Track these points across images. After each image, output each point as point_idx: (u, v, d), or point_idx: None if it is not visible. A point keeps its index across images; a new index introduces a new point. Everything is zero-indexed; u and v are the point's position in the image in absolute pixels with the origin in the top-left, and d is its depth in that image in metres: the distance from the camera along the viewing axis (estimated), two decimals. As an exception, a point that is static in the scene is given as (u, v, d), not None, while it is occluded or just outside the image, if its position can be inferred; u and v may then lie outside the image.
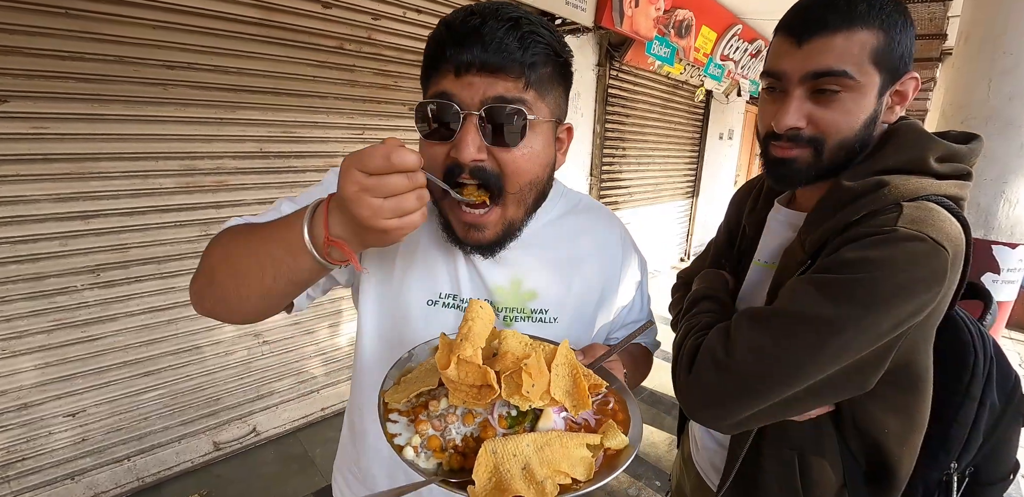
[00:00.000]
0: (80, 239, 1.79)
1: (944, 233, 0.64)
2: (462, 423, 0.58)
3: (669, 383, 0.83)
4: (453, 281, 0.75)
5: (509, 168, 0.63)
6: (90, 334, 1.87)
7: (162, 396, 2.10)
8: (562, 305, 0.78)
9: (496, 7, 0.61)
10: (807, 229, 0.76)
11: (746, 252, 0.98)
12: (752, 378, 0.68)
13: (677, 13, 4.10)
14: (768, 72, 0.77)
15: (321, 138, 2.30)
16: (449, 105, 0.60)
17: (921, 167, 0.72)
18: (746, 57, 5.54)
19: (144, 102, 1.81)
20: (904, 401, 0.76)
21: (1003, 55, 1.76)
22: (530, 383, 0.54)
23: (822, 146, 0.75)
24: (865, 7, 0.69)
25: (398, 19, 2.42)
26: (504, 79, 0.60)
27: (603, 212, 0.89)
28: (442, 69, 0.60)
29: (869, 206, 0.69)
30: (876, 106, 0.73)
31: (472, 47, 0.58)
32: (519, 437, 0.54)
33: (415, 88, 2.60)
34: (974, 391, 0.77)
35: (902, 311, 0.64)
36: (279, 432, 2.50)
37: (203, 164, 2.00)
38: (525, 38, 0.60)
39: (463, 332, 0.56)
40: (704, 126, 5.96)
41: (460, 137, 0.60)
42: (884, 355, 0.68)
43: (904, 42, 0.71)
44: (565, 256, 0.80)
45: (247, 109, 2.06)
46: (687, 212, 6.26)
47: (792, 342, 0.66)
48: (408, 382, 0.62)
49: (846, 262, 0.66)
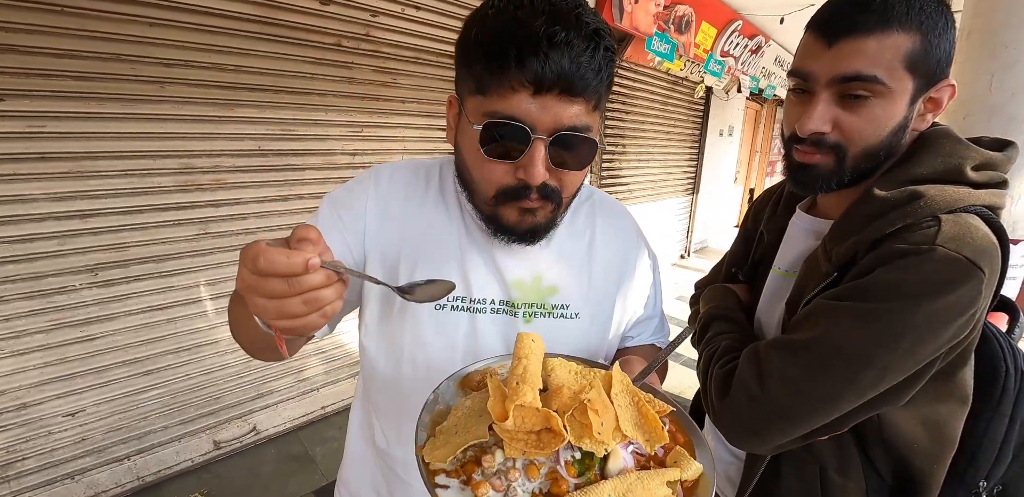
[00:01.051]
0: (78, 238, 1.78)
1: (982, 251, 0.62)
2: (526, 477, 0.49)
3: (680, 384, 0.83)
4: (463, 282, 0.72)
5: (570, 186, 0.65)
6: (89, 333, 1.86)
7: (161, 395, 2.09)
8: (584, 300, 0.76)
9: (575, 11, 0.56)
10: (834, 240, 0.73)
11: (763, 260, 0.96)
12: (788, 411, 0.67)
13: (677, 9, 4.08)
14: (795, 72, 0.73)
15: (320, 136, 2.29)
16: (522, 128, 0.56)
17: (958, 177, 0.68)
18: (746, 53, 5.52)
19: (141, 100, 1.80)
20: (940, 414, 0.74)
21: (1004, 50, 1.74)
22: (599, 421, 0.47)
23: (845, 153, 0.71)
24: (904, 7, 0.64)
25: (397, 16, 2.41)
26: (579, 103, 0.58)
27: (617, 205, 0.88)
28: (515, 81, 0.55)
29: (904, 219, 0.65)
30: (907, 113, 0.69)
31: (557, 67, 0.53)
32: (597, 488, 0.47)
33: (414, 85, 2.59)
34: (1004, 407, 0.75)
35: (939, 338, 0.63)
36: (279, 431, 2.50)
37: (201, 162, 1.99)
38: (604, 56, 0.57)
39: (518, 373, 0.50)
40: (704, 123, 5.94)
41: (530, 161, 0.58)
42: (923, 374, 0.67)
43: (942, 46, 0.66)
44: (583, 249, 0.78)
45: (245, 107, 2.05)
46: (687, 209, 6.25)
47: (827, 376, 0.65)
48: (447, 433, 0.53)
49: (881, 287, 0.63)
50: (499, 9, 0.56)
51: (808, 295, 0.74)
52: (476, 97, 0.59)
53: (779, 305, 0.84)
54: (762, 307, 0.93)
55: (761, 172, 8.95)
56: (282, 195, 2.24)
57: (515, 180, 0.61)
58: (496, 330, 0.73)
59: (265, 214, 2.21)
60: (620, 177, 4.62)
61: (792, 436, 0.69)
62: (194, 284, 2.07)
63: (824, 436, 0.71)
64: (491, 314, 0.72)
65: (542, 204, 0.63)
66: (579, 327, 0.76)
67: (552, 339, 0.72)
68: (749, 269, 1.00)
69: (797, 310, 0.76)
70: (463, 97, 0.62)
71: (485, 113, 0.58)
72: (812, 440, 0.72)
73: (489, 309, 0.72)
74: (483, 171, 0.62)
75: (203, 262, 2.08)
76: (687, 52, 4.48)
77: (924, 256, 0.62)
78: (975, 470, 0.76)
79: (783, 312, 0.82)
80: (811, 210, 0.89)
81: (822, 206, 0.87)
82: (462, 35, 0.61)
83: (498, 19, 0.56)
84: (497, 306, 0.73)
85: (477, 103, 0.59)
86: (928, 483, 0.74)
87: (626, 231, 0.84)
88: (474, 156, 0.61)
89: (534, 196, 0.62)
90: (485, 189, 0.63)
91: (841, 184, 0.75)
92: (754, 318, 0.95)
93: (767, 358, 0.70)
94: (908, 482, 0.76)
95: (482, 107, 0.58)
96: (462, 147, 0.65)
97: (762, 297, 0.93)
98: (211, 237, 2.08)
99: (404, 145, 2.62)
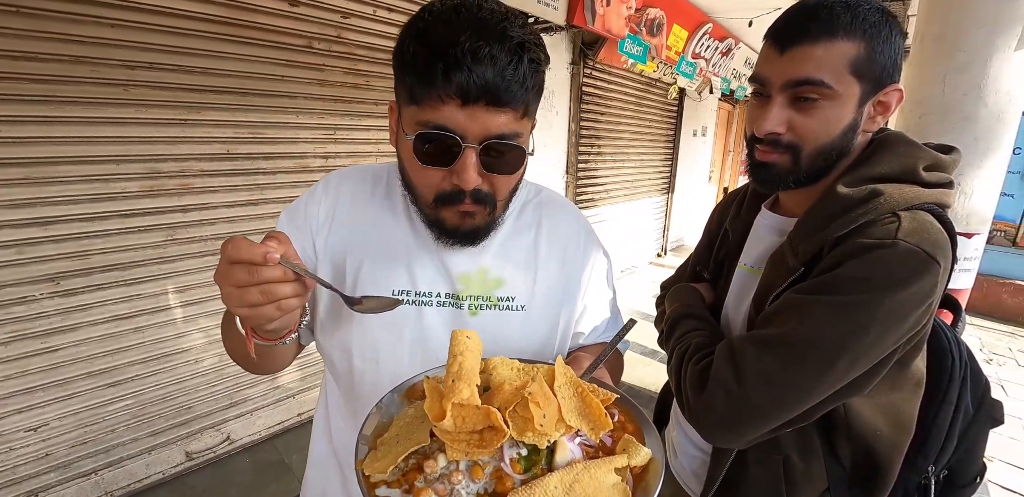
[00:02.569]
0: (38, 246, 1.72)
1: (938, 245, 0.67)
2: (470, 479, 0.48)
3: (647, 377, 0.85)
4: (409, 276, 0.74)
5: (502, 189, 0.68)
6: (51, 345, 1.80)
7: (130, 407, 2.03)
8: (529, 293, 0.79)
9: (501, 25, 0.58)
10: (799, 236, 0.76)
11: (728, 258, 0.98)
12: (764, 405, 0.69)
13: (648, 12, 4.15)
14: (754, 77, 0.79)
15: (291, 139, 2.26)
16: (452, 137, 0.59)
17: (912, 176, 0.73)
18: (717, 55, 5.63)
19: (103, 103, 1.75)
20: (897, 402, 0.78)
21: (957, 52, 1.82)
22: (540, 414, 0.47)
23: (800, 152, 0.76)
24: (848, 17, 0.69)
25: (369, 17, 2.39)
26: (507, 112, 0.60)
27: (565, 204, 0.90)
28: (443, 93, 0.57)
29: (867, 215, 0.70)
30: (856, 115, 0.74)
31: (482, 79, 0.56)
32: (542, 482, 0.46)
33: (387, 87, 2.58)
34: (951, 395, 0.80)
35: (902, 327, 0.67)
36: (254, 439, 2.45)
37: (167, 167, 1.94)
38: (529, 67, 0.59)
39: (453, 371, 0.49)
40: (678, 123, 6.04)
41: (462, 168, 0.61)
42: (886, 362, 0.70)
43: (887, 53, 0.71)
44: (528, 244, 0.81)
45: (213, 110, 2.01)
46: (663, 208, 6.34)
47: (801, 368, 0.67)
48: (388, 444, 0.52)
49: (850, 280, 0.67)
50: (428, 23, 0.59)
51: (776, 290, 0.77)
52: (410, 107, 0.61)
53: (746, 301, 0.87)
54: (729, 303, 0.95)
55: (735, 171, 9.13)
56: (253, 199, 2.21)
57: (450, 185, 0.64)
58: (442, 322, 0.75)
59: (235, 219, 2.17)
60: (596, 177, 4.66)
61: (767, 429, 0.72)
62: (162, 292, 2.02)
63: (792, 428, 0.74)
64: (437, 307, 0.74)
65: (477, 208, 0.67)
66: (525, 319, 0.78)
67: (499, 331, 0.76)
68: (714, 267, 1.02)
69: (765, 305, 0.78)
70: (400, 106, 0.65)
71: (418, 122, 0.60)
72: (781, 432, 0.74)
73: (435, 302, 0.74)
74: (420, 177, 0.65)
75: (171, 269, 2.03)
76: (659, 54, 4.55)
77: (888, 250, 0.66)
78: (925, 456, 0.80)
79: (750, 307, 0.84)
80: (775, 208, 0.92)
81: (785, 204, 0.90)
82: (397, 46, 0.63)
83: (426, 34, 0.58)
84: (443, 299, 0.75)
85: (411, 113, 0.62)
86: (888, 470, 0.77)
87: (572, 228, 0.86)
88: (411, 163, 0.65)
89: (468, 200, 0.65)
90: (424, 193, 0.67)
91: (799, 182, 0.79)
92: (720, 315, 0.97)
93: (742, 353, 0.72)
94: (869, 469, 0.79)
95: (416, 116, 0.61)
96: (401, 153, 0.68)
97: (729, 293, 0.95)
98: (178, 243, 2.03)
99: (378, 147, 2.60)
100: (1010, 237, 5.13)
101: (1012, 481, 2.58)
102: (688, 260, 1.16)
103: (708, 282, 1.04)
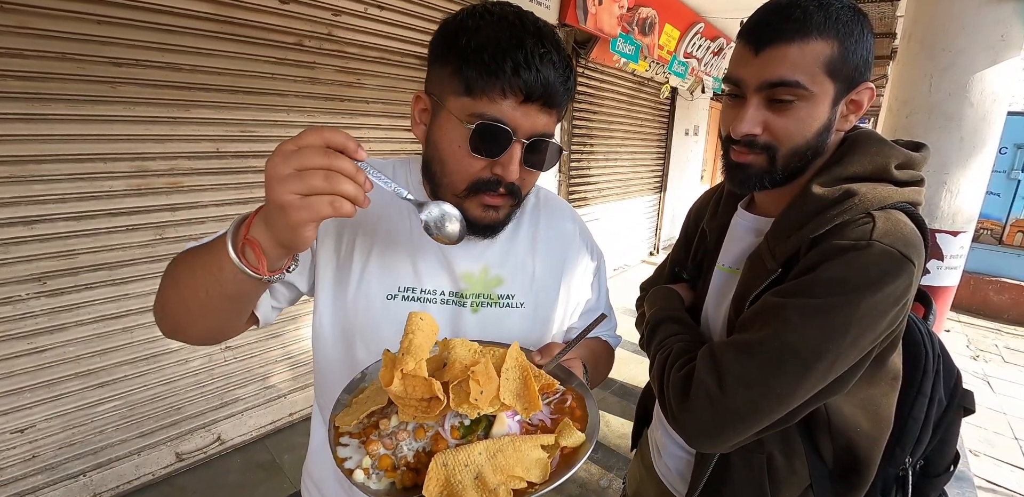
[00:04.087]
0: (23, 246, 1.69)
1: (911, 245, 0.67)
2: (413, 439, 0.57)
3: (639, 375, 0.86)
4: (414, 274, 0.76)
5: (529, 184, 0.73)
6: (37, 345, 1.78)
7: (118, 407, 2.01)
8: (528, 290, 0.81)
9: (554, 36, 0.64)
10: (776, 236, 0.77)
11: (707, 258, 0.99)
12: (746, 410, 0.70)
13: (640, 11, 4.16)
14: (729, 78, 0.78)
15: (281, 137, 2.24)
16: (506, 131, 0.63)
17: (884, 175, 0.74)
18: (708, 54, 5.66)
19: (90, 101, 1.73)
20: (876, 398, 0.78)
21: (942, 52, 1.84)
22: (478, 390, 0.54)
23: (776, 153, 0.76)
24: (822, 17, 0.69)
25: (360, 15, 2.38)
26: (553, 114, 0.66)
27: (561, 203, 0.93)
28: (507, 88, 0.61)
29: (841, 216, 0.70)
30: (830, 115, 0.74)
31: (545, 81, 0.61)
32: (470, 446, 0.54)
33: (379, 85, 2.57)
34: (925, 388, 0.81)
35: (879, 327, 0.67)
36: (245, 440, 2.44)
37: (156, 165, 1.92)
38: (573, 77, 0.66)
39: (404, 346, 0.56)
40: (670, 122, 6.07)
41: (508, 160, 0.65)
42: (864, 362, 0.71)
43: (859, 52, 0.71)
44: (527, 242, 0.83)
45: (202, 108, 1.99)
46: (655, 207, 6.37)
47: (781, 372, 0.68)
48: (359, 403, 0.61)
49: (827, 282, 0.67)
50: (488, 23, 0.62)
51: (755, 291, 0.77)
52: (462, 98, 0.64)
53: (725, 301, 0.87)
54: (709, 303, 0.95)
55: (726, 171, 9.17)
56: (243, 198, 2.19)
57: (490, 175, 0.67)
58: (444, 320, 0.76)
59: (224, 218, 2.15)
60: (589, 176, 4.68)
61: (750, 433, 0.72)
62: (150, 291, 2.00)
63: (775, 430, 0.75)
64: (440, 304, 0.76)
65: (504, 201, 0.69)
66: (524, 316, 0.80)
67: (499, 327, 0.78)
68: (693, 268, 1.03)
69: (744, 306, 0.79)
70: (443, 96, 0.66)
71: (473, 113, 0.63)
72: (765, 434, 0.75)
73: (439, 300, 0.76)
74: (462, 164, 0.66)
75: (159, 268, 2.00)
76: (651, 53, 4.57)
77: (864, 251, 0.66)
78: (902, 448, 0.81)
79: (730, 308, 0.84)
80: (750, 208, 0.92)
81: (761, 204, 0.91)
82: (446, 39, 0.65)
83: (492, 31, 0.62)
84: (447, 297, 0.77)
85: (463, 103, 0.63)
86: (869, 464, 0.78)
87: (568, 227, 0.89)
88: (455, 150, 0.66)
89: (502, 190, 0.68)
90: (458, 181, 0.68)
91: (775, 182, 0.79)
92: (700, 315, 0.97)
93: (723, 359, 0.72)
94: (850, 464, 0.80)
95: (470, 107, 0.63)
96: (439, 141, 0.68)
97: (708, 294, 0.95)
98: (167, 242, 2.01)
99: (369, 145, 2.59)
100: (996, 235, 5.20)
101: (998, 475, 2.62)
102: (666, 260, 1.16)
103: (687, 282, 1.05)
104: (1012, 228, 5.09)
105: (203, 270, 0.56)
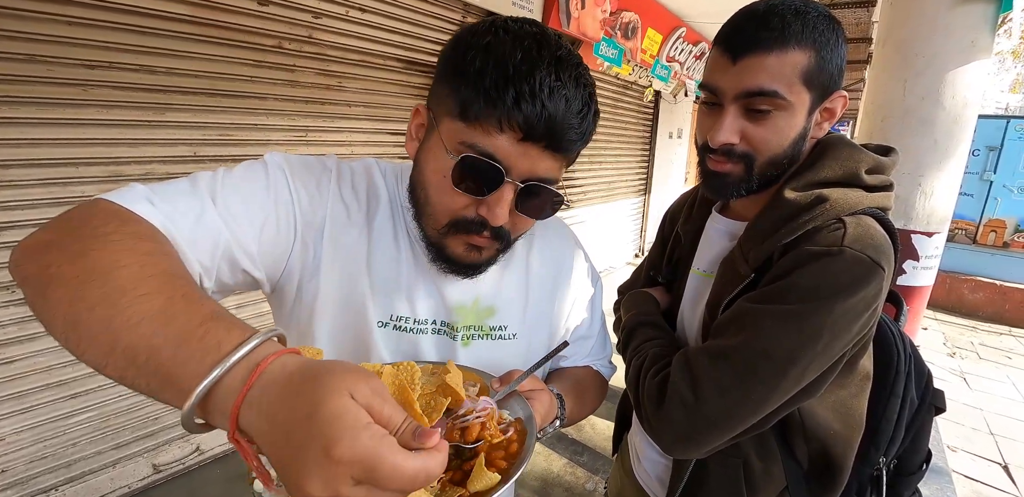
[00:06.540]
0: (-10, 253, 1.64)
1: (881, 251, 0.68)
2: None
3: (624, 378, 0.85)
4: (409, 303, 0.69)
5: (520, 230, 0.66)
6: (6, 356, 1.72)
7: (92, 419, 1.95)
8: (520, 321, 0.76)
9: (578, 69, 0.55)
10: (749, 242, 0.77)
11: (682, 261, 0.99)
12: (720, 416, 0.70)
13: (623, 15, 4.20)
14: (705, 86, 0.77)
15: (261, 141, 2.21)
16: (496, 169, 0.55)
17: (854, 180, 0.74)
18: (691, 59, 5.73)
19: (61, 104, 1.68)
20: (847, 399, 0.79)
21: (915, 57, 1.89)
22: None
23: (753, 161, 0.76)
24: (799, 26, 0.68)
25: (341, 18, 2.36)
26: (558, 158, 0.58)
27: (558, 226, 0.86)
28: (505, 121, 0.52)
29: (813, 222, 0.71)
30: (806, 123, 0.75)
31: (551, 120, 0.53)
32: None
33: (361, 89, 2.55)
34: (897, 388, 0.83)
35: (850, 333, 0.68)
36: (225, 450, 2.38)
37: (130, 170, 1.88)
38: (593, 120, 0.58)
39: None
40: (654, 125, 6.12)
41: (496, 202, 0.57)
42: (835, 367, 0.72)
43: (834, 61, 0.71)
44: (521, 270, 0.78)
45: (179, 111, 1.95)
46: (640, 209, 6.42)
47: (755, 378, 0.68)
48: None
49: (799, 289, 0.68)
50: (502, 42, 0.54)
51: (728, 296, 0.78)
52: (456, 122, 0.56)
53: (700, 305, 0.88)
54: (685, 307, 0.96)
55: (710, 173, 9.30)
56: (221, 202, 2.15)
57: (475, 214, 0.59)
58: (434, 351, 0.71)
59: (204, 223, 2.11)
60: (574, 179, 4.69)
61: (724, 439, 0.73)
62: (126, 299, 1.95)
63: (750, 435, 0.75)
64: (432, 335, 0.71)
65: (490, 243, 0.62)
66: (516, 347, 0.76)
67: (491, 359, 0.73)
68: (668, 271, 1.03)
69: (718, 311, 0.79)
70: (439, 115, 0.59)
71: (463, 142, 0.55)
72: (740, 439, 0.76)
73: (430, 330, 0.71)
74: (444, 198, 0.59)
75: (136, 275, 1.96)
76: (634, 57, 4.60)
77: (836, 258, 0.67)
78: (876, 448, 0.82)
79: (704, 312, 0.85)
80: (725, 212, 0.93)
81: (735, 208, 0.91)
82: (453, 52, 0.57)
83: (502, 50, 0.53)
84: (438, 326, 0.71)
85: (457, 129, 0.56)
86: (843, 465, 0.79)
87: (563, 251, 0.83)
88: (439, 180, 0.58)
89: (486, 233, 0.60)
90: (440, 214, 0.61)
91: (750, 190, 0.79)
92: (676, 319, 0.97)
93: (698, 365, 0.73)
94: (825, 466, 0.80)
95: (461, 135, 0.55)
96: (426, 167, 0.61)
97: (684, 297, 0.96)
98: (144, 248, 1.96)
99: (351, 149, 2.56)
100: (970, 235, 5.34)
101: (975, 471, 2.68)
102: (643, 263, 1.16)
103: (663, 286, 1.05)
104: (985, 228, 5.23)
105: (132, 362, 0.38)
